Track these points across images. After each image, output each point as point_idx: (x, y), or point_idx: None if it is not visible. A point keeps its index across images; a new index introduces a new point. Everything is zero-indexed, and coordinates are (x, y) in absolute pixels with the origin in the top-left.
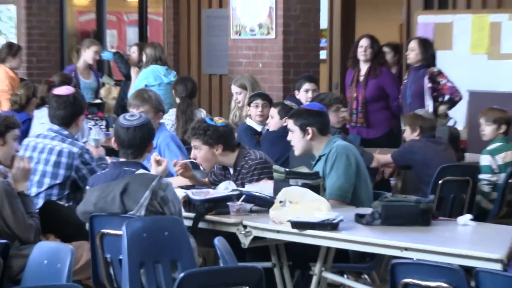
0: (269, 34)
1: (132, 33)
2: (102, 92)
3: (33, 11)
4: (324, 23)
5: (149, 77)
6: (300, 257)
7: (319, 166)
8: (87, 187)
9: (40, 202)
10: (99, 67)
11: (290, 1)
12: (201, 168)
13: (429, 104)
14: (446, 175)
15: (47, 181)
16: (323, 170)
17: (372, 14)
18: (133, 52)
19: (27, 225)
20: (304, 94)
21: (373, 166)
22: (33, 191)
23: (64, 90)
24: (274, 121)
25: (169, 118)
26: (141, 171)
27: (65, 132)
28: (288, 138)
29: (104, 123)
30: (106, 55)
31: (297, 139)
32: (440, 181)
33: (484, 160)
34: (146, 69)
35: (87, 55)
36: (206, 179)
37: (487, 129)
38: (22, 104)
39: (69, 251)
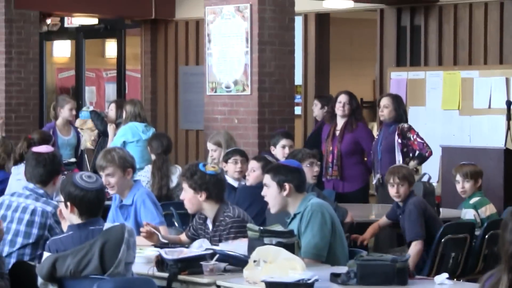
0: (244, 91)
1: (111, 90)
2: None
3: (12, 69)
4: (298, 79)
5: (127, 134)
6: None
7: (294, 224)
8: (45, 252)
9: (12, 261)
10: None
11: (265, 58)
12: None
13: (399, 160)
14: (448, 232)
15: (19, 241)
16: (298, 229)
17: (346, 69)
18: (111, 110)
19: None
20: (281, 150)
21: (347, 221)
22: (6, 250)
23: (44, 148)
24: (255, 175)
25: (145, 175)
26: (107, 225)
27: (40, 191)
28: (263, 193)
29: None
30: (83, 115)
31: (273, 195)
32: (443, 239)
33: (469, 214)
34: (125, 126)
35: (64, 113)
36: (181, 236)
37: (466, 186)
38: (0, 163)
39: None
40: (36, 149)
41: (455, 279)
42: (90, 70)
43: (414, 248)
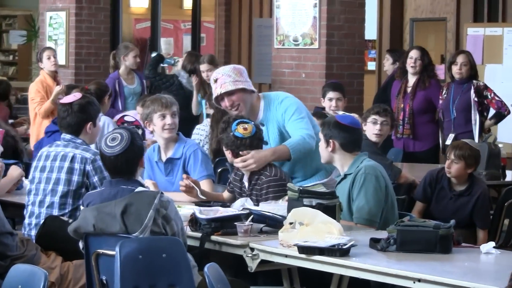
0: (312, 44)
1: (189, 41)
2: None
3: (83, 18)
4: (373, 34)
5: None
6: (315, 281)
7: (344, 185)
8: (81, 207)
9: (54, 212)
10: None
11: (334, 11)
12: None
13: (476, 119)
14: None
15: (60, 189)
16: (349, 191)
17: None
18: (182, 60)
19: None
20: (328, 103)
21: (400, 182)
22: (47, 200)
23: (69, 98)
24: None
25: (203, 128)
26: (140, 188)
27: (78, 140)
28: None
29: (140, 131)
30: (153, 56)
31: (321, 148)
32: (506, 204)
33: None
34: None
35: (129, 61)
36: (224, 193)
37: None
38: None
39: (43, 275)
40: (63, 99)
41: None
42: (168, 21)
43: (484, 235)
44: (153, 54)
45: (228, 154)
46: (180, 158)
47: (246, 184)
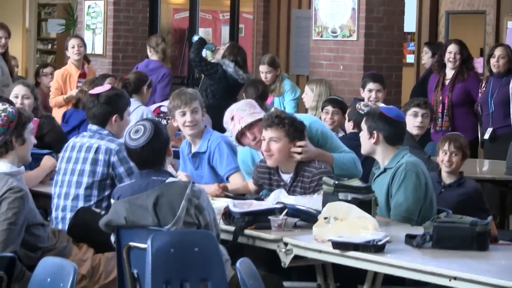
0: (351, 36)
1: (227, 32)
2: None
3: (121, 7)
4: (412, 26)
5: None
6: (349, 277)
7: (384, 179)
8: (112, 200)
9: (79, 204)
10: None
11: (373, 3)
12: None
13: None
14: None
15: (85, 180)
16: (389, 186)
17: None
18: (222, 49)
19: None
20: (368, 94)
21: None
22: (72, 192)
23: (99, 89)
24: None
25: None
26: (171, 179)
27: (105, 131)
28: (360, 134)
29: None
30: (194, 38)
31: (363, 139)
32: None
33: None
34: None
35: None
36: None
37: None
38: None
39: (72, 269)
40: (92, 90)
41: None
42: (206, 12)
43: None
44: (195, 37)
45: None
46: (206, 152)
47: (286, 177)
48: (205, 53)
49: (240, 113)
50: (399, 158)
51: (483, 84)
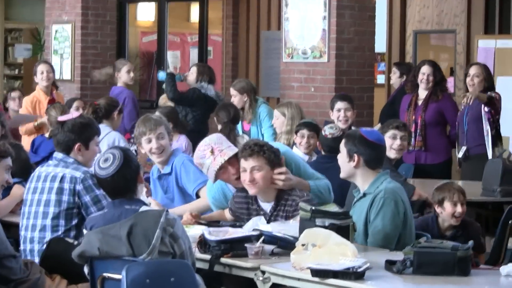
0: (321, 57)
1: (196, 54)
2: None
3: (89, 31)
4: (382, 47)
5: None
6: None
7: (363, 204)
8: (84, 230)
9: (47, 235)
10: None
11: (343, 23)
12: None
13: (487, 129)
14: None
15: (51, 210)
16: (367, 212)
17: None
18: (192, 74)
19: None
20: (337, 114)
21: (414, 199)
22: (39, 223)
23: (68, 116)
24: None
25: None
26: (144, 208)
27: (70, 160)
28: (338, 156)
29: None
30: (160, 76)
31: (342, 162)
32: (510, 221)
33: None
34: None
35: (123, 78)
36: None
37: None
38: None
39: None
40: (59, 118)
41: None
42: (174, 34)
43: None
44: (161, 74)
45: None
46: (171, 174)
47: (266, 206)
48: (162, 76)
49: (219, 146)
50: (379, 183)
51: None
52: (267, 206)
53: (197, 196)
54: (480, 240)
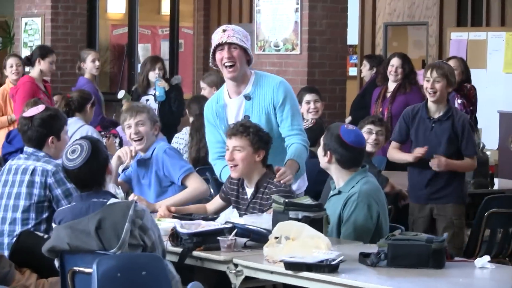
0: (294, 50)
1: (167, 47)
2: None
3: (59, 24)
4: (355, 39)
5: None
6: None
7: (337, 200)
8: (53, 224)
9: (17, 228)
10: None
11: (316, 16)
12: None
13: None
14: (492, 206)
15: (22, 203)
16: (341, 211)
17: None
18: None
19: None
20: (306, 106)
21: (386, 191)
22: (9, 216)
23: (33, 111)
24: None
25: (183, 137)
26: (112, 200)
27: (41, 153)
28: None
29: (118, 140)
30: (120, 94)
31: (319, 154)
32: (486, 213)
33: None
34: None
35: (88, 67)
36: (209, 204)
37: None
38: None
39: None
40: (25, 113)
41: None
42: (145, 27)
43: (473, 162)
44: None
45: None
46: (151, 159)
47: (249, 191)
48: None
49: (234, 33)
50: (354, 183)
51: None
52: (249, 192)
53: (182, 184)
54: (469, 131)
